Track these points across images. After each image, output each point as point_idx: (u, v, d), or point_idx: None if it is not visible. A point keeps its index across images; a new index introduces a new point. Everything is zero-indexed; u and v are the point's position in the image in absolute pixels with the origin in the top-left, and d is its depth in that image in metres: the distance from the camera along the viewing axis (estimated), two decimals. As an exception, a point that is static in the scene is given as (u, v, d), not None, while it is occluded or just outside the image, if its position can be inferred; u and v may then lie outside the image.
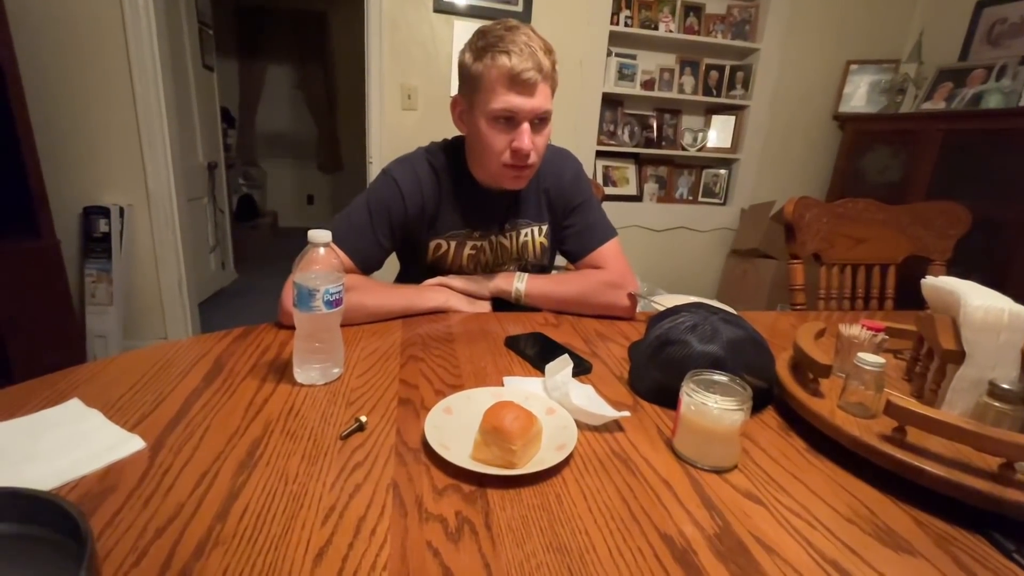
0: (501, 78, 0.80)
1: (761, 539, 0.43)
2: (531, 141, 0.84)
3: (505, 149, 0.85)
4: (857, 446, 0.53)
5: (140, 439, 0.50)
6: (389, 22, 2.14)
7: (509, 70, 0.79)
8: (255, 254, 3.94)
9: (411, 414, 0.59)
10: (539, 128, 0.86)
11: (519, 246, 1.02)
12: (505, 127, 0.84)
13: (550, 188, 1.01)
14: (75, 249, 2.05)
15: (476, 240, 0.99)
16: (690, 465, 0.53)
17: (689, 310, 0.69)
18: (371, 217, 0.92)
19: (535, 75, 0.80)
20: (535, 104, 0.82)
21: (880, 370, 0.56)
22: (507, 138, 0.84)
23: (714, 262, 2.84)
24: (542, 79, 0.81)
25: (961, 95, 2.21)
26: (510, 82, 0.80)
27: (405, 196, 0.92)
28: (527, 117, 0.83)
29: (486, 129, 0.85)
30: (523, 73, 0.79)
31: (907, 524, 0.46)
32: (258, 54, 4.61)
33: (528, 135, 0.83)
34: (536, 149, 0.86)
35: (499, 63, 0.80)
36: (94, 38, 1.91)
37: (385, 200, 0.93)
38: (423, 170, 0.95)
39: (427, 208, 0.95)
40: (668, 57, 2.55)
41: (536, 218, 1.02)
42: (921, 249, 1.31)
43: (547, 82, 0.83)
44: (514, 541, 0.41)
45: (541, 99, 0.82)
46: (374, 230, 0.92)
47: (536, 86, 0.81)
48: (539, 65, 0.80)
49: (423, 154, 0.97)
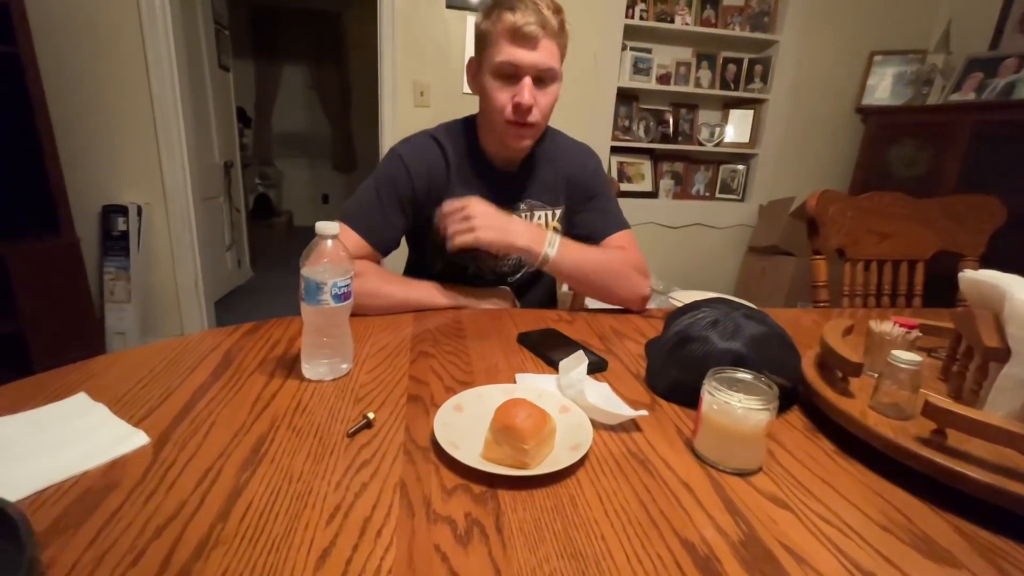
0: (504, 32, 0.82)
1: (790, 547, 0.41)
2: (532, 96, 0.84)
3: (507, 104, 0.85)
4: (892, 449, 0.49)
5: (144, 434, 0.49)
6: (402, 19, 2.13)
7: (512, 24, 0.81)
8: (271, 252, 3.99)
9: (420, 411, 0.57)
10: (543, 86, 0.86)
11: None
12: (508, 82, 0.85)
13: (572, 175, 1.00)
14: (94, 247, 2.08)
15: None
16: (712, 467, 0.50)
17: (710, 305, 0.66)
18: (379, 195, 0.92)
19: (537, 29, 0.81)
20: (536, 58, 0.82)
21: (917, 368, 0.52)
22: (509, 92, 0.85)
23: (731, 259, 2.78)
24: (545, 35, 0.82)
25: (992, 85, 2.13)
26: (512, 36, 0.81)
27: (411, 170, 0.92)
28: (529, 71, 0.83)
29: (490, 84, 0.86)
30: (525, 27, 0.80)
31: (948, 533, 0.43)
32: (273, 54, 4.66)
33: (529, 89, 0.83)
34: (539, 107, 0.86)
35: (503, 18, 0.81)
36: (112, 39, 1.94)
37: (391, 176, 0.92)
38: (427, 145, 0.95)
39: (435, 182, 0.94)
40: (684, 50, 2.51)
41: (551, 202, 1.01)
42: (952, 244, 1.25)
43: (552, 39, 0.83)
44: (526, 545, 0.39)
45: (543, 54, 0.83)
46: (383, 208, 0.92)
47: (539, 40, 0.82)
48: (543, 21, 0.81)
49: (426, 132, 0.98)
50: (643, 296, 0.94)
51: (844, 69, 2.56)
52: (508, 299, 0.98)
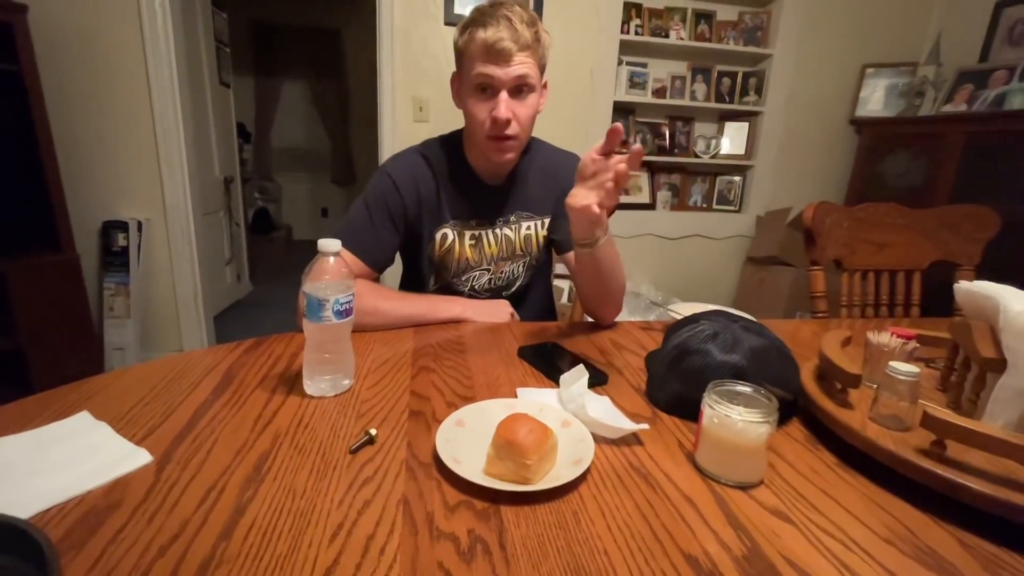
0: (478, 50, 0.83)
1: (793, 561, 0.41)
2: (509, 109, 0.84)
3: (486, 119, 0.86)
4: (892, 461, 0.50)
5: (147, 453, 0.49)
6: (401, 35, 2.16)
7: (484, 41, 0.81)
8: (270, 267, 3.99)
9: (422, 427, 0.57)
10: (520, 98, 0.86)
11: (522, 239, 1.02)
12: (485, 97, 0.86)
13: (564, 184, 0.99)
14: (94, 263, 2.09)
15: (473, 229, 0.99)
16: (713, 481, 0.50)
17: (709, 318, 0.67)
18: (370, 213, 0.93)
19: (510, 44, 0.81)
20: (510, 72, 0.83)
21: (915, 380, 0.53)
22: (487, 107, 0.86)
23: (730, 270, 2.79)
24: (519, 49, 0.82)
25: (983, 97, 2.16)
26: (486, 53, 0.82)
27: (399, 185, 0.93)
28: (504, 85, 0.84)
29: (470, 101, 0.87)
30: (497, 43, 0.81)
31: (951, 546, 0.43)
32: (273, 70, 4.71)
33: (506, 103, 0.84)
34: (518, 119, 0.86)
35: (476, 36, 0.82)
36: (114, 56, 1.96)
37: (381, 193, 0.94)
38: (415, 160, 0.97)
39: (424, 196, 0.96)
40: (679, 64, 2.54)
41: (540, 212, 1.02)
42: (948, 254, 1.26)
43: (526, 52, 0.83)
44: (529, 562, 0.39)
45: (518, 67, 0.83)
46: (375, 225, 0.93)
47: (512, 55, 0.82)
48: (515, 36, 0.81)
49: (417, 147, 0.99)
50: (618, 309, 0.95)
51: (837, 81, 2.60)
52: (507, 310, 0.98)
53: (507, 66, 0.83)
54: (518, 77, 0.84)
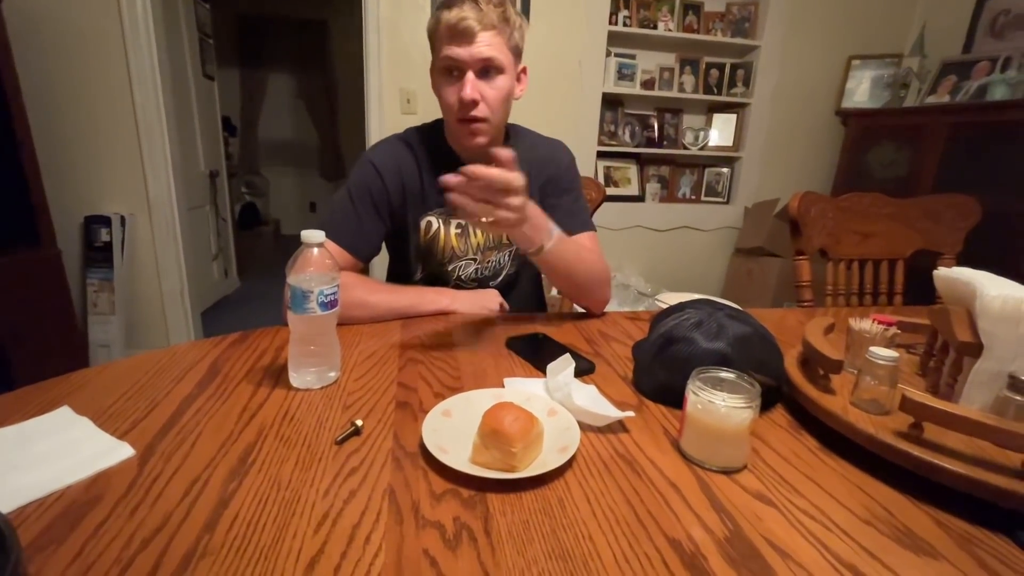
0: (444, 32, 0.83)
1: (774, 543, 0.41)
2: (475, 90, 0.83)
3: (455, 102, 0.85)
4: (872, 444, 0.50)
5: (129, 447, 0.49)
6: (388, 26, 2.14)
7: (447, 22, 0.81)
8: (258, 262, 3.95)
9: (409, 417, 0.57)
10: (488, 78, 0.85)
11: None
12: (453, 79, 0.85)
13: (545, 168, 1.00)
14: (77, 259, 2.05)
15: (459, 218, 0.96)
16: (698, 466, 0.51)
17: (694, 306, 0.67)
18: (353, 203, 0.92)
19: (474, 24, 0.80)
20: (474, 52, 0.82)
21: (894, 364, 0.54)
22: (455, 90, 0.85)
23: (718, 261, 2.81)
24: (482, 28, 0.81)
25: (966, 88, 2.18)
26: (450, 34, 0.82)
27: (381, 172, 0.93)
28: (469, 67, 0.83)
29: (438, 83, 0.87)
30: (460, 23, 0.80)
31: (927, 525, 0.44)
32: (259, 63, 4.63)
33: (472, 84, 0.83)
34: (487, 100, 0.85)
35: (442, 18, 0.82)
36: (94, 48, 1.92)
37: (363, 182, 0.93)
38: (396, 147, 0.96)
39: (408, 183, 0.95)
40: (668, 56, 2.54)
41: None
42: (930, 243, 1.28)
43: (492, 31, 0.82)
44: (515, 548, 0.39)
45: (482, 47, 0.82)
46: (359, 214, 0.92)
47: (475, 35, 0.81)
48: (479, 15, 0.80)
49: (398, 135, 0.99)
50: (605, 301, 0.96)
51: (823, 73, 2.62)
52: (496, 300, 0.97)
53: (470, 46, 0.82)
54: (484, 59, 0.83)
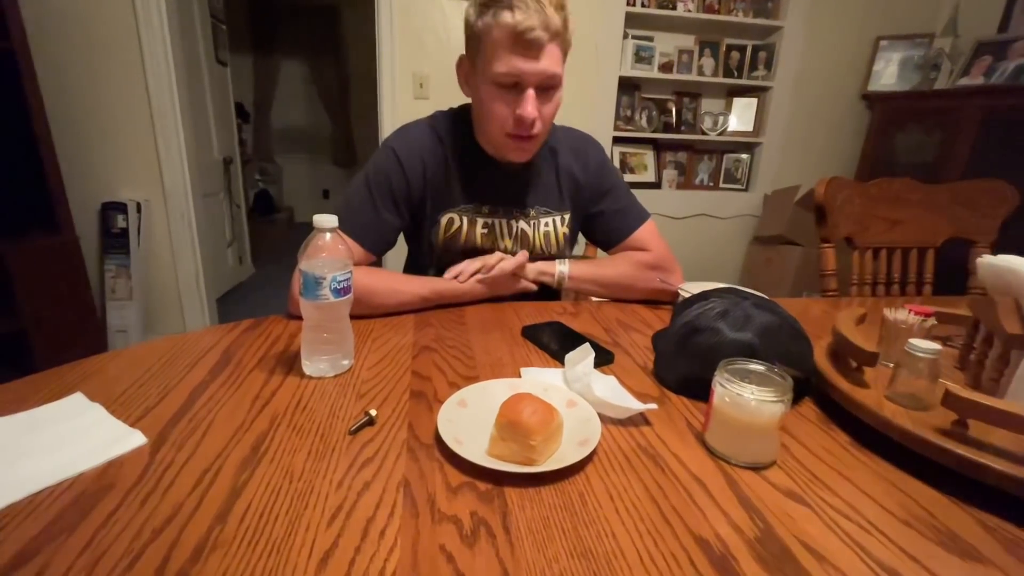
0: (504, 38, 0.72)
1: (808, 544, 0.39)
2: (536, 109, 0.76)
3: (508, 117, 0.77)
4: (911, 441, 0.48)
5: (141, 434, 0.48)
6: (400, 9, 2.10)
7: (512, 28, 0.71)
8: (272, 249, 3.97)
9: (424, 407, 0.56)
10: (546, 96, 0.78)
11: (541, 236, 0.94)
12: (508, 93, 0.76)
13: (576, 174, 0.95)
14: (94, 245, 2.07)
15: (486, 217, 0.91)
16: (724, 461, 0.49)
17: (718, 295, 0.64)
18: (371, 193, 0.85)
19: (542, 34, 0.71)
20: (541, 67, 0.74)
21: (936, 357, 0.51)
22: (510, 104, 0.77)
23: (736, 250, 2.76)
24: (550, 39, 0.72)
25: (1002, 69, 2.09)
26: (513, 43, 0.72)
27: (404, 164, 0.85)
28: (532, 82, 0.75)
29: (488, 95, 0.78)
30: (528, 32, 0.70)
31: (972, 527, 0.42)
32: (272, 49, 4.62)
33: (533, 102, 0.75)
34: (543, 118, 0.78)
35: (502, 20, 0.71)
36: (107, 35, 1.92)
37: (383, 172, 0.86)
38: (424, 135, 0.88)
39: (431, 177, 0.87)
40: (687, 38, 2.47)
41: (558, 207, 0.95)
42: (963, 231, 1.23)
43: (556, 42, 0.74)
44: (534, 545, 0.38)
45: (548, 62, 0.74)
46: (376, 206, 0.85)
47: (543, 47, 0.72)
48: (547, 23, 0.71)
49: (427, 120, 0.91)
50: (670, 291, 0.90)
51: (849, 55, 2.52)
52: (520, 259, 0.90)
53: (536, 61, 0.73)
54: (549, 76, 0.75)
